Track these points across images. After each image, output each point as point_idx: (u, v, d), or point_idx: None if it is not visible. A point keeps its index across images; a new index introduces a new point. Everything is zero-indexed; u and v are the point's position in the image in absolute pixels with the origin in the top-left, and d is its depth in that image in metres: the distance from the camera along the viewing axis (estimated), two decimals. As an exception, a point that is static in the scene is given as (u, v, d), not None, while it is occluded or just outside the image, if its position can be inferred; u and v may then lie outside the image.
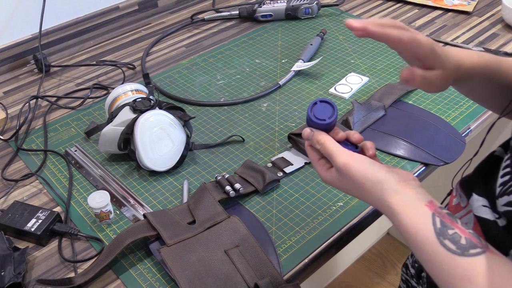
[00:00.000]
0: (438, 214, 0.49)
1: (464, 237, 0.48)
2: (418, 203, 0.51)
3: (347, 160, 0.55)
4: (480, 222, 0.55)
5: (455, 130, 0.90)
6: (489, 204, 0.55)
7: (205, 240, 0.71)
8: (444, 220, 0.49)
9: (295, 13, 1.31)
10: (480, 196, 0.56)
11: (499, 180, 0.52)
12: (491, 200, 0.55)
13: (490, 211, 0.54)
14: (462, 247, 0.47)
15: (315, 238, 0.73)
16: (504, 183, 0.51)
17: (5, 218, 0.76)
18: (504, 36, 1.17)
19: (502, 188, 0.51)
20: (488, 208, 0.55)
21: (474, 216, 0.57)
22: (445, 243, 0.47)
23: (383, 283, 1.84)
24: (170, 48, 1.24)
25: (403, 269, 0.83)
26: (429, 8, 1.33)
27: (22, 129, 0.99)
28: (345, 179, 0.56)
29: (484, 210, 0.55)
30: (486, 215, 0.54)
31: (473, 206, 0.57)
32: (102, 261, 0.69)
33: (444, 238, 0.48)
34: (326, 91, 1.04)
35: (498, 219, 0.53)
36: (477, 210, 0.56)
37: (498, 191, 0.52)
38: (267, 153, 0.89)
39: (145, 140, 0.81)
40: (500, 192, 0.51)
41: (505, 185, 0.51)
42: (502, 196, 0.50)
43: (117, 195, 0.82)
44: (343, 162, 0.55)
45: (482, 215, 0.55)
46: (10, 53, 1.16)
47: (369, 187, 0.54)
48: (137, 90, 0.91)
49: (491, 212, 0.54)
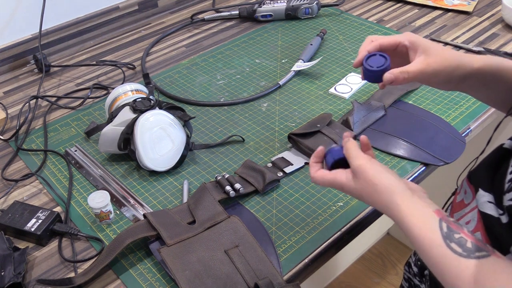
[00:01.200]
0: (445, 220, 0.51)
1: (470, 241, 0.49)
2: (426, 209, 0.53)
3: (364, 162, 0.58)
4: (484, 218, 0.56)
5: (455, 130, 0.90)
6: (494, 200, 0.56)
7: (205, 240, 0.71)
8: (451, 226, 0.50)
9: (295, 13, 1.31)
10: (486, 191, 0.57)
11: (508, 176, 0.52)
12: (496, 196, 0.55)
13: (495, 208, 0.55)
14: (468, 250, 0.48)
15: (315, 238, 0.73)
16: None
17: (5, 218, 0.76)
18: (504, 36, 1.17)
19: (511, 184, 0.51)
20: (493, 204, 0.55)
21: (478, 213, 0.57)
22: (451, 246, 0.48)
23: (383, 283, 1.84)
24: (170, 48, 1.24)
25: (406, 268, 0.83)
26: (429, 8, 1.33)
27: (22, 129, 0.99)
28: (359, 181, 0.58)
29: (489, 206, 0.56)
30: (490, 211, 0.55)
31: (478, 201, 0.58)
32: (102, 261, 0.69)
33: (451, 241, 0.49)
34: (326, 91, 1.04)
35: (502, 216, 0.53)
36: (482, 205, 0.57)
37: (507, 186, 0.52)
38: (267, 153, 0.89)
39: (145, 140, 0.81)
40: (508, 188, 0.52)
41: None
42: (510, 192, 0.51)
43: (117, 195, 0.82)
44: (359, 163, 0.58)
45: (486, 211, 0.55)
46: (10, 53, 1.16)
47: (381, 188, 0.56)
48: (137, 90, 0.91)
49: (496, 209, 0.55)
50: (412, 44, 0.63)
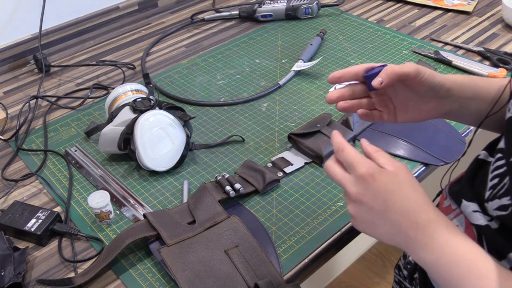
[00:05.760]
0: None
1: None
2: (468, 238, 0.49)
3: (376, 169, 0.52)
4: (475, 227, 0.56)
5: (455, 130, 0.90)
6: (479, 208, 0.56)
7: (205, 240, 0.71)
8: None
9: (295, 13, 1.31)
10: (470, 201, 0.57)
11: (489, 184, 0.52)
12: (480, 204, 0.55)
13: (482, 215, 0.55)
14: None
15: (315, 238, 0.73)
16: (494, 186, 0.51)
17: (5, 218, 0.76)
18: (504, 36, 1.17)
19: (492, 192, 0.51)
20: (479, 213, 0.56)
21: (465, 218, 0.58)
22: None
23: (383, 283, 1.84)
24: (170, 48, 1.24)
25: (396, 271, 0.83)
26: (429, 8, 1.33)
27: (22, 129, 0.99)
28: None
29: (475, 216, 0.56)
30: (478, 221, 0.55)
31: (465, 212, 0.58)
32: (102, 261, 0.69)
33: None
34: (326, 91, 1.04)
35: (490, 222, 0.53)
36: (469, 216, 0.57)
37: (488, 194, 0.52)
38: (267, 153, 0.89)
39: (145, 140, 0.81)
40: (490, 196, 0.52)
41: (495, 188, 0.51)
42: (493, 200, 0.51)
43: (117, 195, 0.82)
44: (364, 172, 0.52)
45: (475, 222, 0.56)
46: (10, 53, 1.16)
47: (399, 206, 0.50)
48: (137, 90, 0.91)
49: (483, 217, 0.55)
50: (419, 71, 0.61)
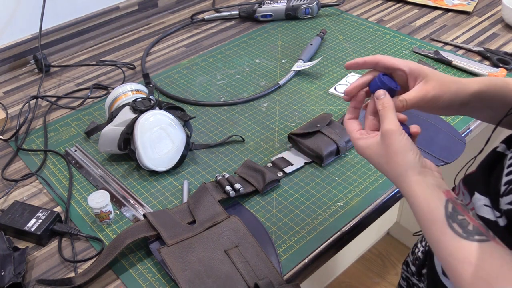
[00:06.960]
0: (451, 201, 0.52)
1: (472, 225, 0.49)
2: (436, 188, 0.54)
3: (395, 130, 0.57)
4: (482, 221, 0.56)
5: (455, 130, 0.90)
6: (490, 204, 0.56)
7: (205, 240, 0.71)
8: (456, 207, 0.51)
9: (295, 13, 1.31)
10: (482, 195, 0.57)
11: (504, 179, 0.52)
12: (493, 199, 0.55)
13: (492, 211, 0.55)
14: (468, 232, 0.49)
15: (315, 238, 0.73)
16: (509, 181, 0.51)
17: (5, 218, 0.76)
18: (504, 36, 1.17)
19: (508, 187, 0.51)
20: (489, 208, 0.56)
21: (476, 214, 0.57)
22: (453, 226, 0.50)
23: (383, 283, 1.84)
24: (170, 48, 1.24)
25: (404, 267, 0.83)
26: (429, 8, 1.33)
27: (22, 129, 0.99)
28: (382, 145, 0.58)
29: (486, 209, 0.56)
30: (487, 215, 0.55)
31: (475, 205, 0.58)
32: (102, 261, 0.69)
33: (453, 221, 0.50)
34: (326, 91, 1.04)
35: (499, 218, 0.53)
36: (479, 209, 0.57)
37: (503, 189, 0.52)
38: (267, 153, 0.89)
39: (145, 140, 0.81)
40: (505, 191, 0.52)
41: (510, 184, 0.51)
42: (507, 195, 0.51)
43: (117, 195, 0.82)
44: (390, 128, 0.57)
45: (483, 215, 0.56)
46: (10, 53, 1.16)
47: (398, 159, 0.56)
48: (137, 90, 0.91)
49: (492, 212, 0.55)
50: (412, 72, 0.61)
